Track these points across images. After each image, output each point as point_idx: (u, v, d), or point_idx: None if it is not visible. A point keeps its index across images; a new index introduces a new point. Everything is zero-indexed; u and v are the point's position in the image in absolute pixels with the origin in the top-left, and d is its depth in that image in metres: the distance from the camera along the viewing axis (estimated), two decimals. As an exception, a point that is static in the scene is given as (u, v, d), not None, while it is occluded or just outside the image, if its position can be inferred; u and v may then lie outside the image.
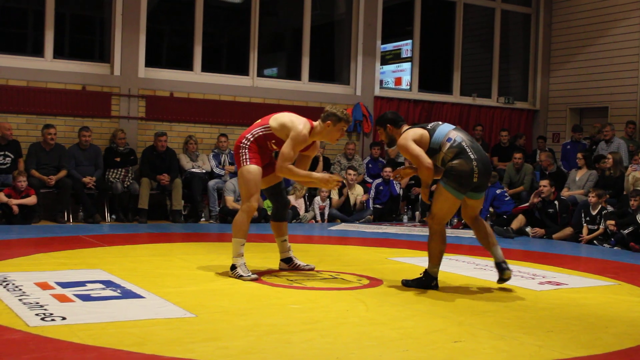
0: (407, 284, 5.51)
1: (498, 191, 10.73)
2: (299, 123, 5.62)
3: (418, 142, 5.37)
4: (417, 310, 4.68)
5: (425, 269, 5.51)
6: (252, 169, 5.57)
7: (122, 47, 10.66)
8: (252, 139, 5.64)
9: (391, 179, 11.19)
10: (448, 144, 5.34)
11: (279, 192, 5.95)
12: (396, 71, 13.75)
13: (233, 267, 5.60)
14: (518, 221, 9.96)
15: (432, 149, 5.36)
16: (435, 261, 5.45)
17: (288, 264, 6.04)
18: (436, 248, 5.43)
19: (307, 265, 6.10)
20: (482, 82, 14.28)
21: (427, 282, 5.46)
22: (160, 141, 10.33)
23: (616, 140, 11.47)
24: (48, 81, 10.22)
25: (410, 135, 5.40)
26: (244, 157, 5.60)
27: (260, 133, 5.66)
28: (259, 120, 5.82)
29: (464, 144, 5.35)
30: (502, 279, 5.51)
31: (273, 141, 5.70)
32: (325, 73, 13.01)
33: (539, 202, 9.90)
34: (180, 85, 11.12)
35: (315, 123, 5.75)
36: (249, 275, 5.52)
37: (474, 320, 4.43)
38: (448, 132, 5.41)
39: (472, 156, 5.31)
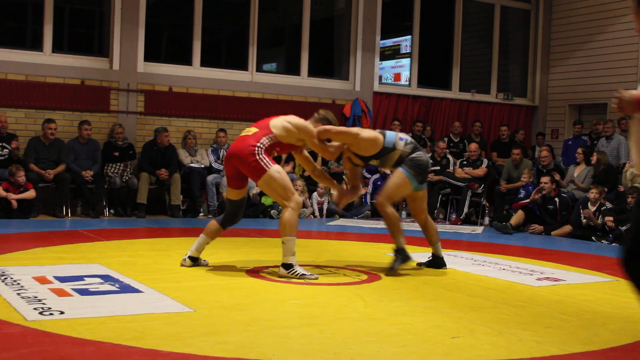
0: (392, 269, 5.81)
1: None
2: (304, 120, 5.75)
3: (374, 139, 5.83)
4: (416, 305, 4.68)
5: (395, 248, 5.90)
6: (279, 168, 5.49)
7: (121, 42, 10.64)
8: (263, 148, 5.45)
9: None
10: (402, 142, 5.87)
11: (242, 206, 5.84)
12: (395, 67, 13.74)
13: (289, 266, 5.38)
14: (517, 217, 9.97)
15: (387, 148, 5.83)
16: (399, 234, 5.89)
17: (194, 262, 5.80)
18: (395, 221, 5.88)
19: (204, 260, 5.89)
20: (481, 78, 14.27)
21: (404, 257, 5.88)
22: (167, 137, 10.34)
23: (616, 136, 11.47)
24: (47, 75, 10.21)
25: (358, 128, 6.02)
26: (264, 162, 5.40)
27: (268, 143, 5.50)
28: (254, 129, 5.59)
29: (415, 143, 5.97)
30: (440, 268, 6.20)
31: (277, 148, 5.67)
32: (324, 68, 12.99)
33: (539, 198, 9.90)
34: (179, 80, 11.11)
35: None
36: (311, 275, 5.39)
37: (472, 316, 4.43)
38: (396, 134, 5.97)
39: (424, 152, 6.02)
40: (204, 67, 11.44)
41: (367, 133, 5.89)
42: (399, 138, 5.88)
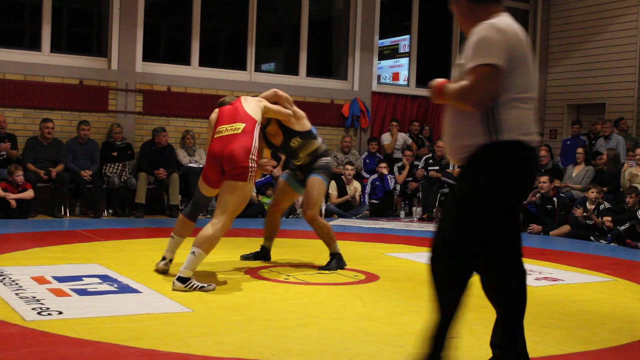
0: (330, 269, 5.96)
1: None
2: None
3: (305, 117, 5.99)
4: (414, 305, 4.68)
5: (331, 253, 6.08)
6: (252, 189, 5.31)
7: (120, 42, 10.63)
8: (257, 153, 5.23)
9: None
10: (320, 139, 6.08)
11: (212, 199, 5.68)
12: (394, 66, 13.74)
13: (185, 280, 4.88)
14: None
15: (312, 133, 5.99)
16: (332, 240, 6.08)
17: (166, 261, 5.57)
18: (329, 230, 6.06)
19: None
20: (480, 77, 14.25)
21: (340, 261, 6.07)
22: (165, 136, 10.33)
23: (615, 136, 11.48)
24: (45, 75, 10.20)
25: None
26: (252, 174, 5.11)
27: (258, 143, 5.26)
28: (240, 125, 5.21)
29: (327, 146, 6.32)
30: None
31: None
32: (322, 68, 12.99)
33: (537, 199, 9.91)
34: (178, 80, 11.10)
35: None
36: (210, 285, 4.96)
37: (470, 315, 4.41)
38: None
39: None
40: (203, 67, 11.43)
41: (301, 111, 6.01)
42: (318, 134, 6.11)
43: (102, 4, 10.94)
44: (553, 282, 5.81)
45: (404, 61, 13.49)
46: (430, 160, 11.70)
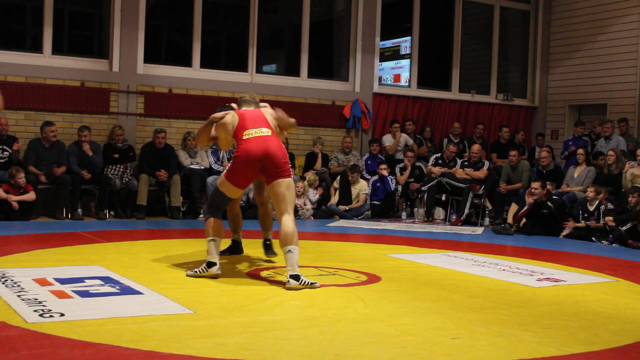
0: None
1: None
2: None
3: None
4: (416, 307, 4.68)
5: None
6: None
7: (121, 44, 10.64)
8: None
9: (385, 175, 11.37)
10: None
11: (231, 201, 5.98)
12: (395, 68, 13.74)
13: (298, 277, 5.12)
14: (513, 212, 9.97)
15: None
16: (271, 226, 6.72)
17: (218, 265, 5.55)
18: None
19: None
20: (481, 79, 14.27)
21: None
22: (159, 138, 10.32)
23: (615, 137, 11.47)
24: (47, 77, 10.20)
25: None
26: (290, 168, 5.57)
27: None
28: (267, 130, 5.56)
29: None
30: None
31: None
32: (324, 69, 12.99)
33: (531, 205, 9.78)
34: (179, 82, 11.11)
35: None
36: (315, 282, 5.20)
37: (472, 317, 4.43)
38: None
39: None
40: (204, 68, 11.44)
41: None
42: None
43: (103, 6, 10.95)
44: (555, 283, 5.81)
45: (405, 63, 13.49)
46: (440, 161, 11.67)
